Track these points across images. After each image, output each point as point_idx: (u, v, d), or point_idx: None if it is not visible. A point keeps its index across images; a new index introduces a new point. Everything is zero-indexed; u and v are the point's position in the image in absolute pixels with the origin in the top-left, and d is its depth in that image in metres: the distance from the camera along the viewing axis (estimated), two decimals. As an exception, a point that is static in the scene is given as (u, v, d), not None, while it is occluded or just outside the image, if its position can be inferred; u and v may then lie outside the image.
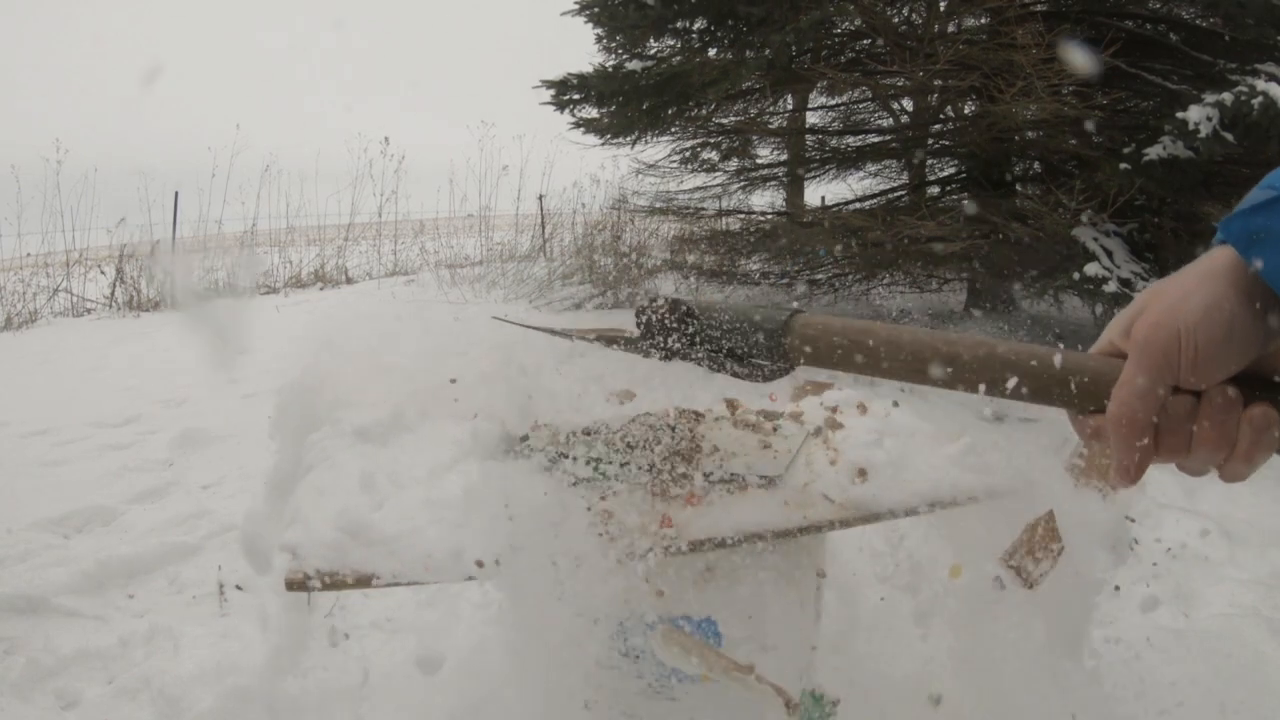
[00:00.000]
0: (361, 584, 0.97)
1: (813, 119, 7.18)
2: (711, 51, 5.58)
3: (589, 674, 1.08)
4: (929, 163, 6.49)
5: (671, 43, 5.80)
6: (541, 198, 10.55)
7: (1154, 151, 3.99)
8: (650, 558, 1.00)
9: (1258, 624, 2.03)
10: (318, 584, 0.95)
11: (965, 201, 4.97)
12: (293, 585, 0.96)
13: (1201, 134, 3.73)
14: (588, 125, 5.90)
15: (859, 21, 5.56)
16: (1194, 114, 3.77)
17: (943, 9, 5.43)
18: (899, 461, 1.14)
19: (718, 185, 6.81)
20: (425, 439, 1.18)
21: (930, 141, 6.21)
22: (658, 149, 6.58)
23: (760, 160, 6.87)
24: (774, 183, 7.10)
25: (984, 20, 5.22)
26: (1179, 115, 3.83)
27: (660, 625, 1.09)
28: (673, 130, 6.16)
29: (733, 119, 6.35)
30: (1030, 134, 5.21)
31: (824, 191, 7.56)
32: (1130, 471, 0.53)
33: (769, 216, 6.47)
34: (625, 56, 5.83)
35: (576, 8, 5.64)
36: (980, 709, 1.23)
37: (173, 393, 4.54)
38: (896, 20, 5.62)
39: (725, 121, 6.30)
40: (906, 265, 5.77)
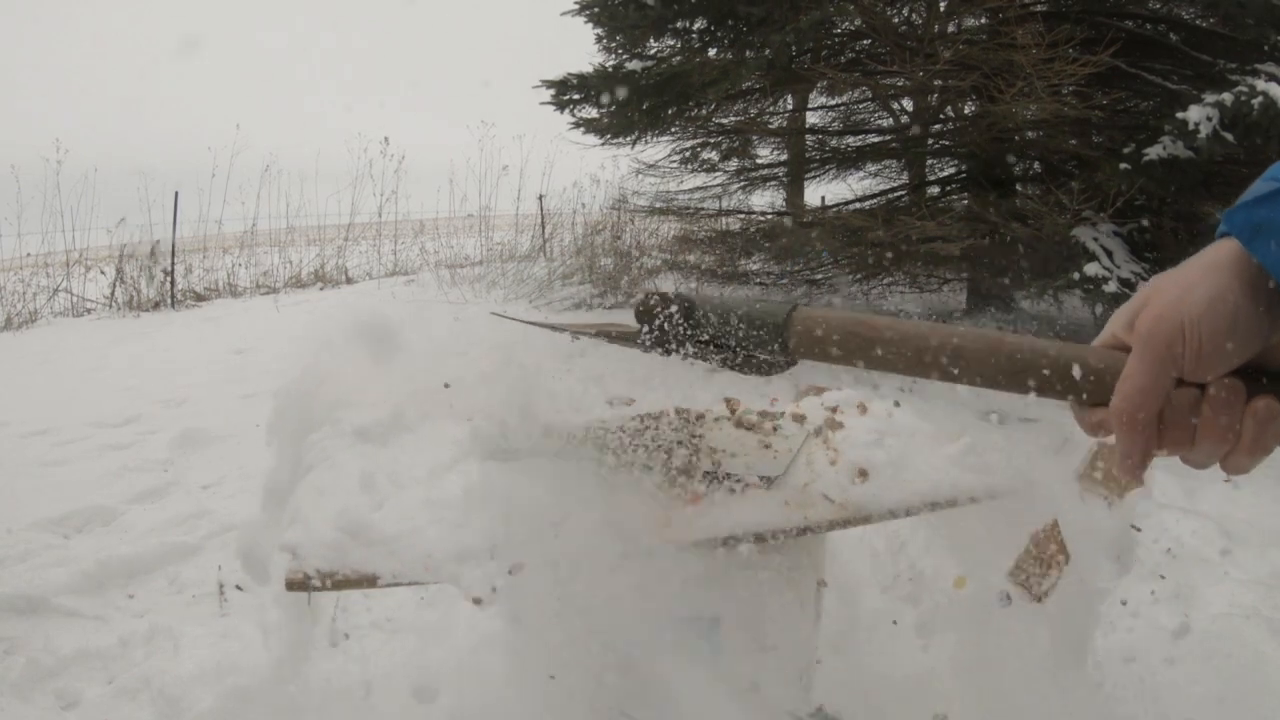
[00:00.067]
0: (362, 584, 0.97)
1: (813, 119, 7.18)
2: (711, 51, 5.58)
3: (589, 674, 1.08)
4: (929, 163, 6.49)
5: (671, 43, 5.80)
6: (541, 198, 10.55)
7: (1154, 151, 3.99)
8: (651, 557, 0.99)
9: (1258, 624, 2.03)
10: (318, 584, 0.95)
11: (965, 201, 4.97)
12: (293, 585, 0.96)
13: (1201, 134, 3.73)
14: (588, 125, 5.89)
15: (859, 21, 5.56)
16: (1194, 114, 3.77)
17: (943, 9, 5.43)
18: (899, 461, 1.14)
19: (718, 185, 6.81)
20: (425, 439, 1.18)
21: (930, 141, 6.21)
22: (658, 149, 6.59)
23: (760, 160, 6.88)
24: (774, 183, 7.11)
25: (984, 20, 5.22)
26: (1179, 115, 3.83)
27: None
28: (673, 130, 6.16)
29: (733, 119, 6.35)
30: (1030, 134, 5.21)
31: (824, 191, 7.56)
32: (1134, 464, 0.53)
33: (769, 216, 6.47)
34: (625, 56, 5.83)
35: (576, 8, 5.64)
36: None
37: (173, 393, 4.54)
38: (896, 20, 5.62)
39: (725, 121, 6.30)
40: (906, 265, 5.77)
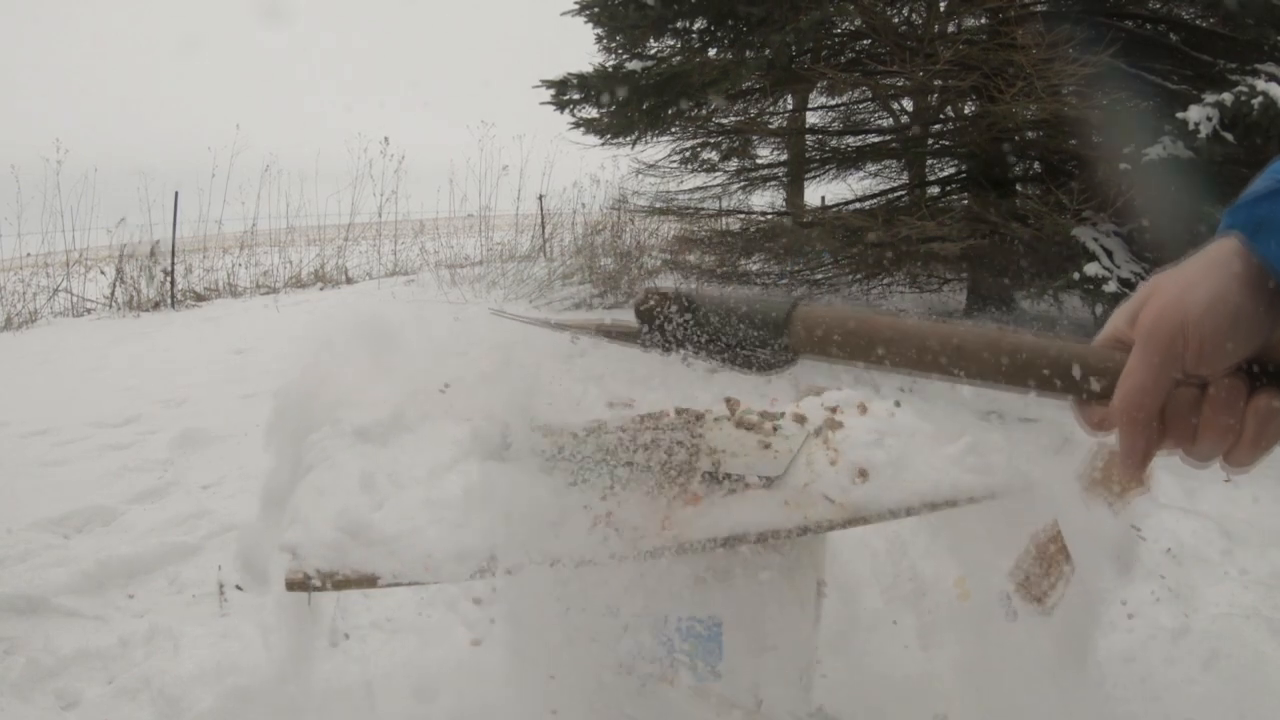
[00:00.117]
0: (362, 584, 0.97)
1: (813, 119, 7.18)
2: (711, 51, 5.58)
3: (589, 674, 1.08)
4: (929, 162, 6.49)
5: (671, 43, 5.79)
6: (541, 198, 10.55)
7: (1154, 151, 3.99)
8: (651, 557, 1.00)
9: (1258, 624, 2.03)
10: (318, 584, 0.95)
11: (965, 201, 4.97)
12: (293, 585, 0.96)
13: (1201, 134, 3.73)
14: (588, 125, 5.89)
15: (859, 21, 5.56)
16: (1194, 114, 3.76)
17: (943, 9, 5.43)
18: (899, 462, 1.14)
19: (718, 185, 6.81)
20: (425, 439, 1.18)
21: (930, 141, 6.21)
22: (658, 149, 6.58)
23: (760, 160, 6.88)
24: (774, 183, 7.10)
25: (984, 20, 5.22)
26: (1179, 115, 3.83)
27: None
28: (673, 130, 6.16)
29: (733, 119, 6.35)
30: (1030, 134, 5.21)
31: (824, 191, 7.56)
32: (1136, 461, 0.53)
33: (769, 216, 6.46)
34: (625, 56, 5.83)
35: (576, 8, 5.64)
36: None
37: (173, 393, 4.54)
38: (896, 20, 5.62)
39: (725, 121, 6.30)
40: (906, 265, 5.77)
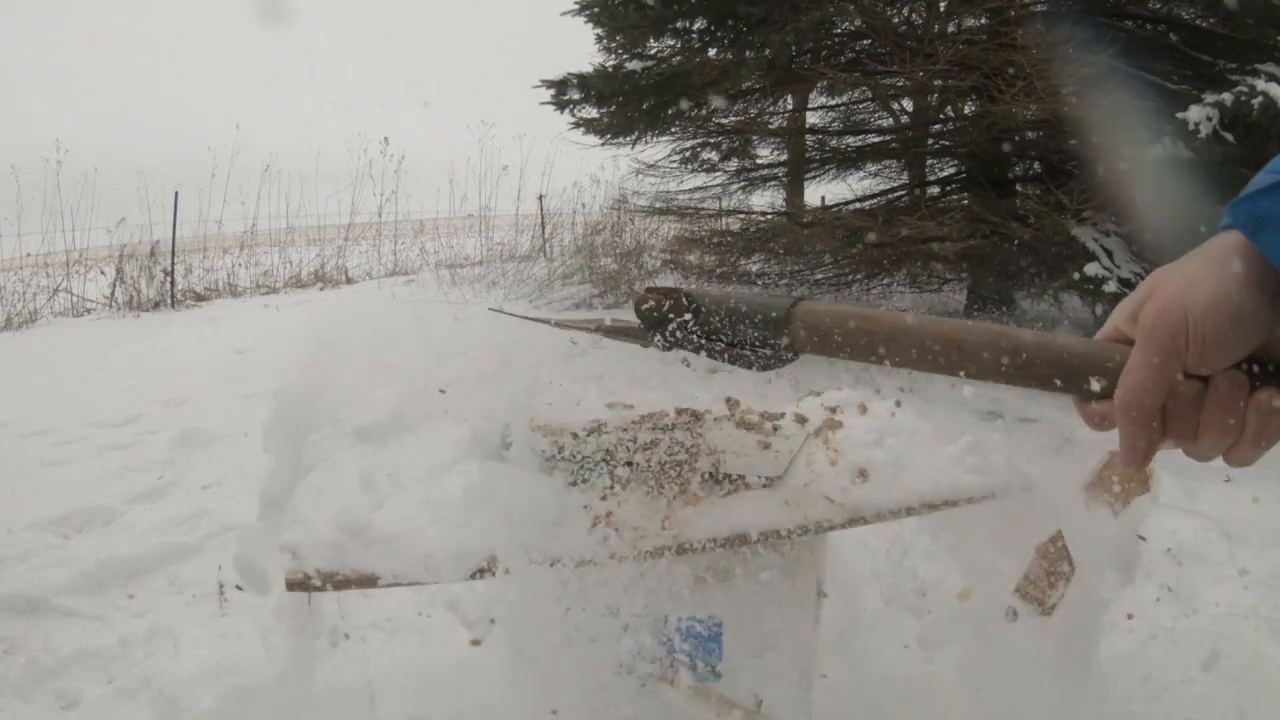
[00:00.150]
0: (362, 584, 0.97)
1: (813, 119, 7.18)
2: (711, 51, 5.58)
3: (589, 674, 1.08)
4: (929, 162, 6.48)
5: (671, 43, 5.79)
6: (541, 198, 10.55)
7: (1154, 151, 3.99)
8: (651, 557, 1.00)
9: (1258, 624, 2.03)
10: (318, 584, 0.95)
11: (965, 201, 4.97)
12: (293, 585, 0.96)
13: (1201, 134, 3.72)
14: (588, 125, 5.89)
15: (859, 21, 5.56)
16: (1194, 114, 3.76)
17: (943, 9, 5.43)
18: (899, 462, 1.14)
19: (718, 185, 6.81)
20: (425, 439, 1.17)
21: (930, 141, 6.21)
22: (658, 149, 6.58)
23: (760, 160, 6.87)
24: (774, 183, 7.10)
25: (984, 20, 5.22)
26: (1179, 115, 3.82)
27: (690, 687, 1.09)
28: (673, 130, 6.16)
29: (733, 119, 6.35)
30: (1030, 134, 5.21)
31: (824, 191, 7.56)
32: (1139, 457, 0.53)
33: (769, 216, 6.47)
34: (625, 56, 5.82)
35: (576, 8, 5.63)
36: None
37: (173, 393, 4.54)
38: (896, 20, 5.62)
39: (725, 121, 6.29)
40: (906, 265, 5.77)
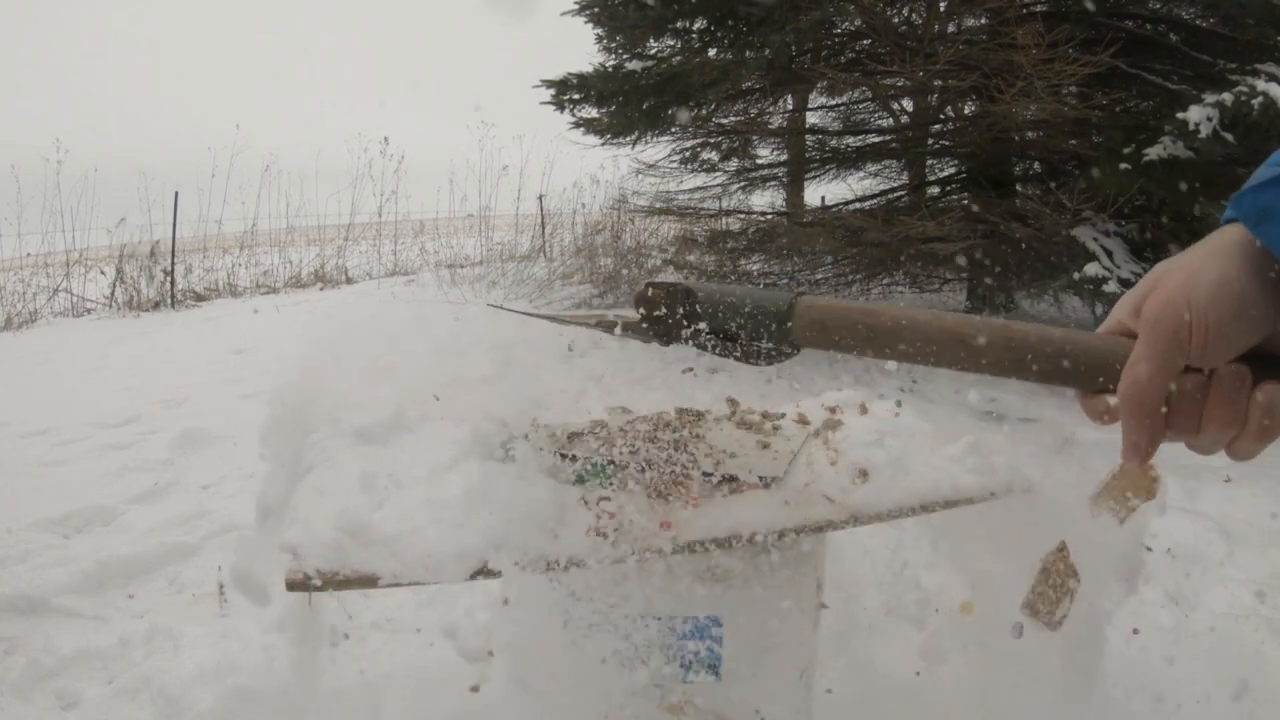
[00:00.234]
0: (362, 584, 0.97)
1: (813, 119, 7.18)
2: (711, 51, 5.58)
3: (590, 675, 1.08)
4: (929, 162, 6.48)
5: (671, 43, 5.79)
6: (541, 198, 10.56)
7: (1154, 151, 3.99)
8: (651, 559, 1.00)
9: (1258, 624, 2.03)
10: (318, 584, 0.95)
11: (965, 201, 4.97)
12: (293, 585, 0.96)
13: (1201, 134, 3.72)
14: (588, 125, 5.89)
15: (859, 21, 5.56)
16: (1194, 114, 3.76)
17: (943, 9, 5.43)
18: (899, 462, 1.14)
19: (718, 185, 6.81)
20: (425, 439, 1.17)
21: (930, 141, 6.21)
22: (658, 149, 6.58)
23: (760, 160, 6.87)
24: (774, 183, 7.10)
25: (984, 20, 5.22)
26: (1179, 115, 3.82)
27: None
28: (673, 130, 6.16)
29: (733, 119, 6.35)
30: (1030, 134, 5.21)
31: (824, 191, 7.56)
32: (1141, 450, 0.53)
33: (769, 216, 6.46)
34: (625, 56, 5.82)
35: (576, 8, 5.64)
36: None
37: (173, 393, 4.54)
38: (896, 20, 5.62)
39: (725, 121, 6.29)
40: (906, 265, 5.77)
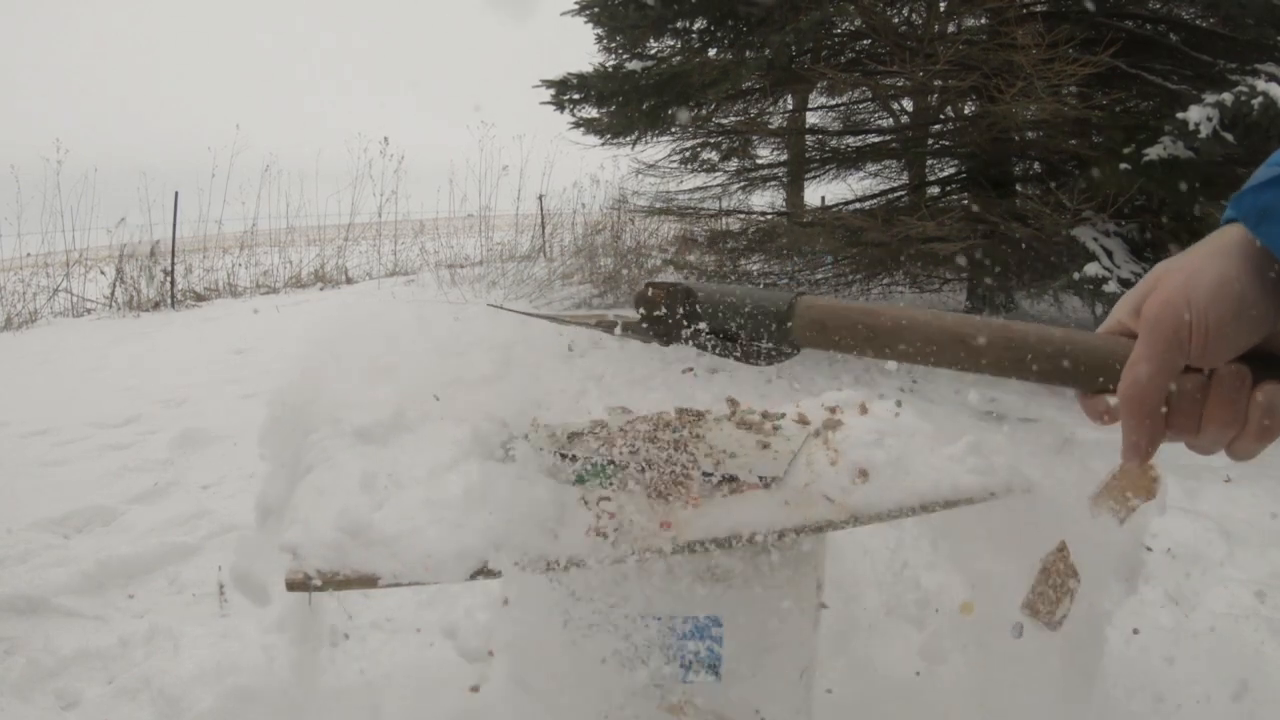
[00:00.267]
0: (362, 584, 0.97)
1: (813, 119, 7.18)
2: (711, 51, 5.58)
3: (590, 675, 1.08)
4: (929, 162, 6.48)
5: (671, 43, 5.79)
6: (541, 198, 10.56)
7: (1154, 151, 3.99)
8: (651, 559, 1.00)
9: (1258, 624, 2.03)
10: (318, 584, 0.95)
11: (965, 201, 4.97)
12: (293, 585, 0.96)
13: (1201, 134, 3.72)
14: (588, 125, 5.89)
15: (859, 22, 5.56)
16: (1194, 114, 3.76)
17: (943, 9, 5.43)
18: (899, 462, 1.14)
19: (718, 185, 6.81)
20: (425, 439, 1.17)
21: (930, 141, 6.21)
22: (658, 149, 6.58)
23: (760, 160, 6.87)
24: (774, 183, 7.10)
25: (984, 20, 5.22)
26: (1179, 115, 3.82)
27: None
28: (673, 130, 6.16)
29: (733, 119, 6.35)
30: (1030, 134, 5.21)
31: (824, 191, 7.56)
32: (1141, 450, 0.53)
33: (769, 216, 6.46)
34: (625, 56, 5.82)
35: (576, 8, 5.64)
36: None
37: (173, 393, 4.54)
38: (896, 20, 5.62)
39: (725, 121, 6.29)
40: (906, 265, 5.77)
